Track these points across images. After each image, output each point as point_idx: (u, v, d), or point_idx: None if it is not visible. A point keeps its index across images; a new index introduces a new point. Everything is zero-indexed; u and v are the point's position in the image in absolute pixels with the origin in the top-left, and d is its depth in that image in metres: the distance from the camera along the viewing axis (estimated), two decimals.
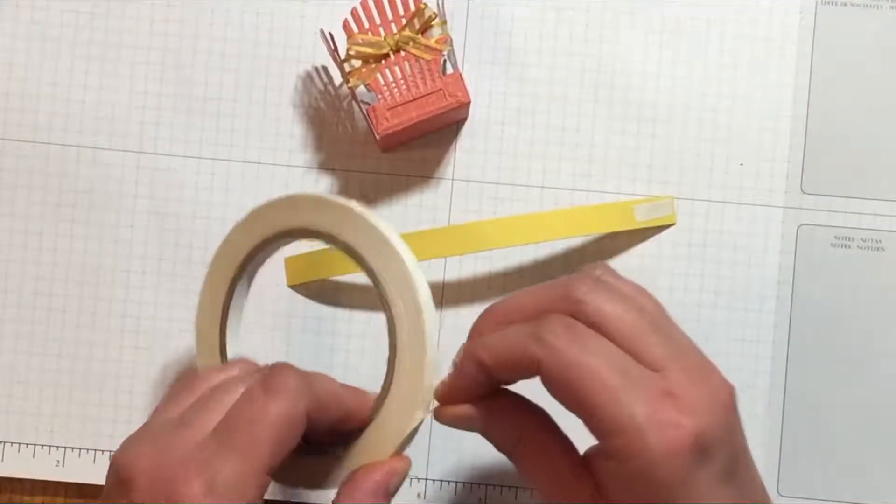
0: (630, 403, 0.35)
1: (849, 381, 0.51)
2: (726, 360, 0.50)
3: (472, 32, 0.51)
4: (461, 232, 0.49)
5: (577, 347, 0.36)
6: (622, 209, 0.50)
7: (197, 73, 0.52)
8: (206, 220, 0.51)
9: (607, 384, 0.35)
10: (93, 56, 0.52)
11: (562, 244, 0.51)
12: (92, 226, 0.51)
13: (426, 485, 0.51)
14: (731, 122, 0.51)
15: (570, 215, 0.50)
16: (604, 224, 0.50)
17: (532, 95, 0.51)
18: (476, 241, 0.49)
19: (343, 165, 0.51)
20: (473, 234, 0.49)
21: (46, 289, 0.51)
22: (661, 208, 0.51)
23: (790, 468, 0.50)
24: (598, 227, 0.50)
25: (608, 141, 0.51)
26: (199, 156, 0.52)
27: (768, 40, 0.51)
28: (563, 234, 0.50)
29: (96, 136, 0.52)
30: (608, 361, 0.36)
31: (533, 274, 0.51)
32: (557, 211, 0.51)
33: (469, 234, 0.49)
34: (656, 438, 0.35)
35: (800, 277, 0.51)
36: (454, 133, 0.51)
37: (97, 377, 0.51)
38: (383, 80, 0.47)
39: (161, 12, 0.52)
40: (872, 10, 0.51)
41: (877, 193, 0.51)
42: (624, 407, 0.35)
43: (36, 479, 0.51)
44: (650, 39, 0.51)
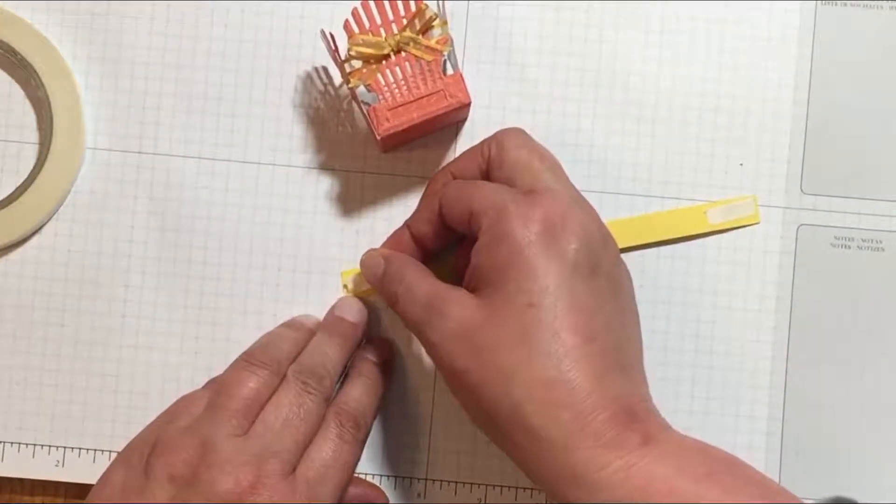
0: (502, 195, 0.43)
1: (849, 381, 0.51)
2: (726, 359, 0.51)
3: (472, 32, 0.51)
4: None
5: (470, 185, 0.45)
6: (692, 214, 0.51)
7: (197, 73, 0.52)
8: (206, 220, 0.51)
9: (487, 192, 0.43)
10: (93, 56, 0.52)
11: None
12: (92, 226, 0.51)
13: (426, 485, 0.51)
14: (731, 122, 0.51)
15: (639, 222, 0.50)
16: (676, 229, 0.51)
17: (532, 95, 0.51)
18: None
19: (343, 165, 0.51)
20: None
21: (46, 289, 0.51)
22: (740, 209, 0.51)
23: (790, 468, 0.50)
24: (670, 232, 0.51)
25: (608, 141, 0.51)
26: (199, 156, 0.52)
27: (768, 40, 0.51)
28: (632, 241, 0.50)
29: (96, 136, 0.52)
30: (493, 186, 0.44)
31: None
32: (626, 219, 0.51)
33: None
34: (516, 212, 0.42)
35: (800, 277, 0.51)
36: (454, 133, 0.51)
37: (97, 377, 0.51)
38: (384, 81, 0.47)
39: (161, 12, 0.52)
40: (872, 10, 0.51)
41: (877, 193, 0.51)
42: (496, 196, 0.43)
43: (36, 479, 0.51)
44: (650, 39, 0.51)
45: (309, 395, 0.45)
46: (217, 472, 0.41)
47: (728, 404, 0.50)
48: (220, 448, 0.42)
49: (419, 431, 0.51)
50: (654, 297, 0.51)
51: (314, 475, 0.43)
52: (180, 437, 0.43)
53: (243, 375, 0.45)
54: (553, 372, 0.39)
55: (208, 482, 0.41)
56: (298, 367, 0.46)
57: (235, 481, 0.41)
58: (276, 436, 0.43)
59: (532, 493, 0.50)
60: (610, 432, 0.39)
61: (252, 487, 0.41)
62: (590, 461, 0.39)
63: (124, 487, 0.42)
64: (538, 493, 0.50)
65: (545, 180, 0.44)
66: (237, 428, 0.43)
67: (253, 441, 0.42)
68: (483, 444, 0.51)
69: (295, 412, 0.44)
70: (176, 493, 0.41)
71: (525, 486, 0.50)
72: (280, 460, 0.42)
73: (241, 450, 0.42)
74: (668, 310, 0.51)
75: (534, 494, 0.50)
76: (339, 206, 0.51)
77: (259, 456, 0.42)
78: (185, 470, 0.41)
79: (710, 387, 0.51)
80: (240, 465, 0.41)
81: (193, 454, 0.42)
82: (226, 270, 0.51)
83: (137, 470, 0.42)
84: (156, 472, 0.42)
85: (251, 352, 0.47)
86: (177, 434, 0.43)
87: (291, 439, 0.43)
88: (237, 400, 0.44)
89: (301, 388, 0.45)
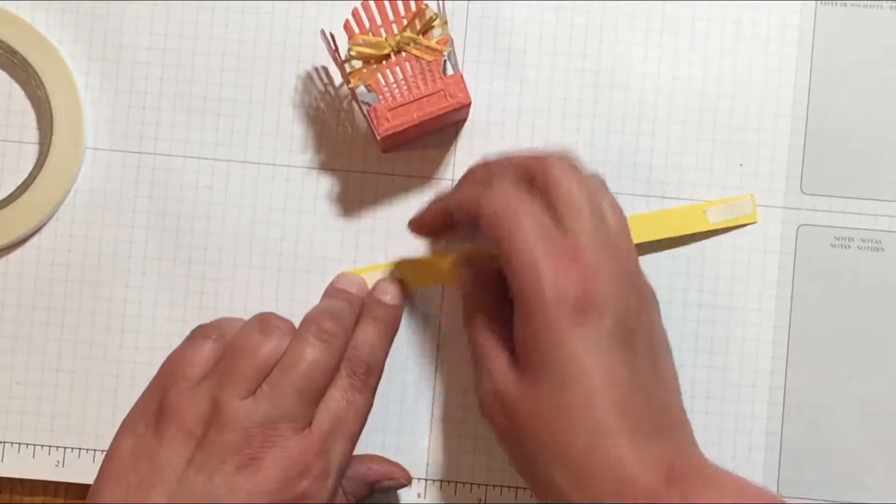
0: (535, 249, 0.41)
1: (849, 381, 0.51)
2: (726, 359, 0.51)
3: (472, 33, 0.51)
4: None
5: (513, 199, 0.42)
6: (692, 212, 0.51)
7: (197, 73, 0.52)
8: (206, 220, 0.51)
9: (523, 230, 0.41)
10: (93, 56, 0.52)
11: None
12: (92, 226, 0.51)
13: (426, 485, 0.51)
14: (731, 123, 0.51)
15: (638, 221, 0.50)
16: (676, 227, 0.51)
17: (532, 95, 0.51)
18: None
19: (343, 165, 0.51)
20: None
21: (46, 289, 0.51)
22: (739, 208, 0.51)
23: (790, 468, 0.50)
24: (669, 230, 0.51)
25: (608, 141, 0.51)
26: (199, 156, 0.52)
27: (768, 40, 0.51)
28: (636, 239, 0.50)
29: (96, 136, 0.52)
30: (533, 216, 0.42)
31: None
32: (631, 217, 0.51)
33: None
34: (549, 281, 0.40)
35: (800, 277, 0.51)
36: (454, 133, 0.51)
37: (97, 377, 0.51)
38: (384, 81, 0.47)
39: (161, 12, 0.52)
40: (872, 10, 0.51)
41: (877, 193, 0.51)
42: (530, 251, 0.41)
43: (36, 479, 0.51)
44: (650, 39, 0.51)
45: (322, 346, 0.44)
46: (228, 432, 0.41)
47: (728, 404, 0.50)
48: (232, 409, 0.41)
49: (419, 431, 0.51)
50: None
51: (328, 428, 0.43)
52: (190, 398, 0.42)
53: (257, 339, 0.44)
54: (588, 448, 0.40)
55: (221, 443, 0.41)
56: (310, 318, 0.45)
57: (247, 441, 0.41)
58: (285, 394, 0.42)
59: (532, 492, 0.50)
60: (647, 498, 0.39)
61: (263, 446, 0.41)
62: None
63: (135, 454, 0.42)
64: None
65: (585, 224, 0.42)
66: (248, 389, 0.42)
67: (262, 402, 0.42)
68: (483, 444, 0.51)
69: (307, 368, 0.43)
70: (190, 454, 0.41)
71: (525, 486, 0.50)
72: (291, 418, 0.42)
73: (252, 411, 0.42)
74: (668, 310, 0.51)
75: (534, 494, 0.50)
76: (339, 206, 0.51)
77: (270, 415, 0.42)
78: (199, 428, 0.41)
79: (710, 387, 0.51)
80: (250, 425, 0.41)
81: (206, 413, 0.42)
82: (226, 270, 0.51)
83: (147, 436, 0.42)
84: (170, 434, 0.41)
85: (267, 315, 0.45)
86: (185, 397, 0.42)
87: (302, 396, 0.43)
88: (251, 362, 0.43)
89: (314, 338, 0.44)
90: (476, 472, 0.51)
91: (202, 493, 0.40)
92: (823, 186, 0.51)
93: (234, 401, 0.42)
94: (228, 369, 0.43)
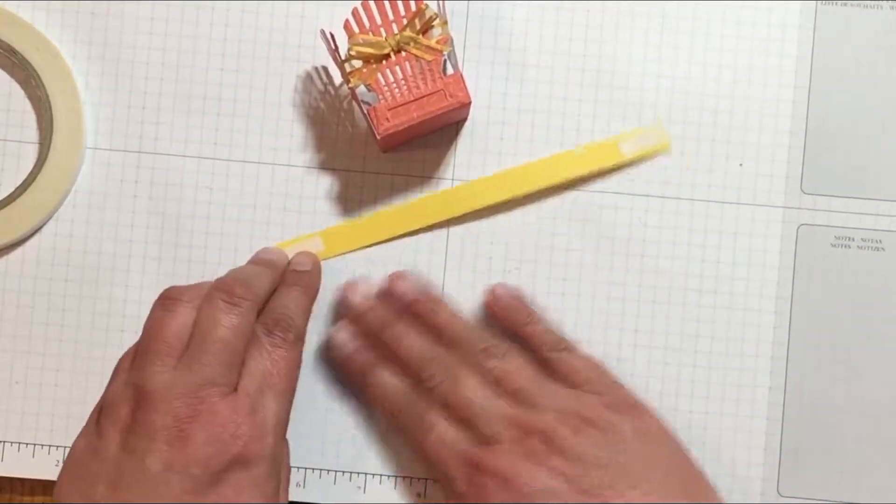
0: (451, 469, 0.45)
1: (849, 381, 0.51)
2: (726, 359, 0.51)
3: (472, 32, 0.51)
4: (455, 194, 0.51)
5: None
6: (607, 147, 0.51)
7: (197, 73, 0.52)
8: (205, 220, 0.51)
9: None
10: (93, 56, 0.52)
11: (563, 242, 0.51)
12: (92, 226, 0.51)
13: (426, 485, 0.51)
14: (731, 122, 0.51)
15: (555, 161, 0.51)
16: (590, 163, 0.51)
17: (532, 95, 0.51)
18: (471, 200, 0.51)
19: (343, 165, 0.51)
20: (467, 194, 0.51)
21: (46, 289, 0.51)
22: (650, 136, 0.51)
23: (790, 468, 0.50)
24: (585, 166, 0.51)
25: None
26: (199, 156, 0.52)
27: (768, 40, 0.51)
28: (552, 180, 0.50)
29: (96, 136, 0.52)
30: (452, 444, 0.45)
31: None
32: (542, 160, 0.51)
33: (463, 195, 0.51)
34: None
35: (800, 277, 0.51)
36: (454, 133, 0.51)
37: (97, 377, 0.51)
38: (384, 81, 0.47)
39: (161, 12, 0.52)
40: (872, 10, 0.51)
41: (877, 193, 0.51)
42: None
43: (36, 479, 0.51)
44: (650, 39, 0.51)
45: (234, 309, 0.44)
46: (152, 412, 0.41)
47: (728, 404, 0.50)
48: (151, 389, 0.42)
49: None
50: (654, 298, 0.51)
51: (254, 388, 0.44)
52: (120, 393, 0.43)
53: (164, 315, 0.44)
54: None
55: (148, 424, 0.41)
56: (218, 285, 0.45)
57: (174, 416, 0.41)
58: (204, 362, 0.43)
59: None
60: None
61: (189, 417, 0.41)
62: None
63: (84, 453, 0.43)
64: None
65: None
66: (164, 366, 0.43)
67: (181, 373, 0.42)
68: None
69: (221, 332, 0.43)
70: (124, 440, 0.42)
71: None
72: (214, 384, 0.42)
73: (172, 385, 0.42)
74: (668, 310, 0.51)
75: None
76: (339, 206, 0.51)
77: (191, 385, 0.42)
78: (127, 418, 0.42)
79: (710, 387, 0.51)
80: (172, 399, 0.42)
81: (131, 399, 0.42)
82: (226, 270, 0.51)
83: (93, 434, 0.43)
84: (105, 430, 0.42)
85: (168, 291, 0.46)
86: (116, 391, 0.43)
87: (221, 360, 0.43)
88: (161, 340, 0.44)
89: (224, 303, 0.44)
90: None
91: (138, 475, 0.41)
92: (823, 186, 0.51)
93: (153, 379, 0.42)
94: (143, 352, 0.44)
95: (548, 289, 0.51)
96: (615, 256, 0.51)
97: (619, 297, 0.51)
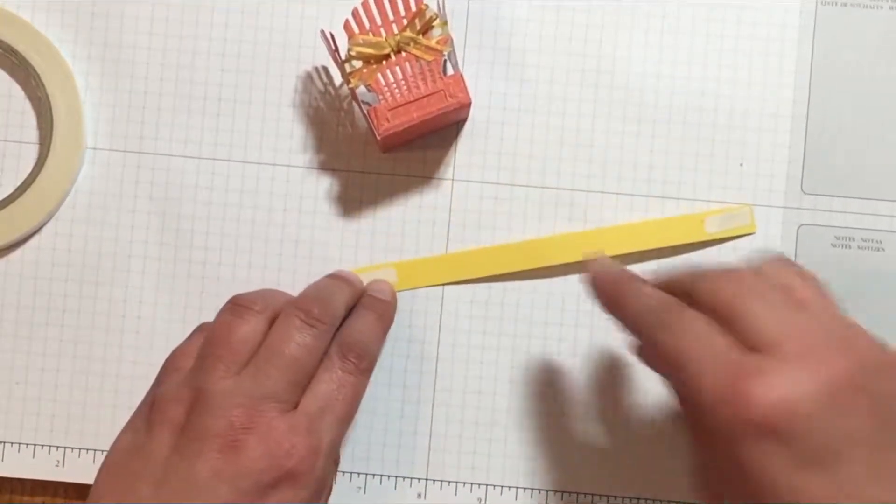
0: (707, 381, 0.36)
1: None
2: None
3: (472, 32, 0.51)
4: (521, 249, 0.51)
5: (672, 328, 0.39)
6: (692, 221, 0.51)
7: (197, 73, 0.52)
8: (206, 220, 0.51)
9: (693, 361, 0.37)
10: (93, 56, 0.52)
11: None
12: (92, 226, 0.51)
13: (426, 485, 0.51)
14: (731, 123, 0.51)
15: (639, 229, 0.51)
16: (673, 237, 0.51)
17: (532, 95, 0.51)
18: (539, 258, 0.51)
19: (343, 165, 0.51)
20: (536, 251, 0.51)
21: (46, 289, 0.51)
22: (737, 218, 0.51)
23: None
24: (668, 239, 0.51)
25: (608, 141, 0.51)
26: (199, 156, 0.52)
27: (768, 40, 0.51)
28: (629, 248, 0.50)
29: (96, 136, 0.52)
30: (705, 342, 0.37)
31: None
32: (624, 226, 0.51)
33: (532, 251, 0.51)
34: (723, 413, 0.36)
35: None
36: (454, 133, 0.51)
37: (97, 377, 0.51)
38: (384, 81, 0.47)
39: (161, 12, 0.52)
40: (872, 10, 0.51)
41: (877, 193, 0.51)
42: (702, 385, 0.36)
43: (36, 479, 0.51)
44: (650, 39, 0.51)
45: (310, 330, 0.44)
46: (209, 416, 0.41)
47: None
48: (211, 393, 0.41)
49: (419, 431, 0.51)
50: None
51: (315, 409, 0.43)
52: (175, 392, 0.42)
53: (232, 321, 0.44)
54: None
55: (202, 427, 0.41)
56: (297, 303, 0.45)
57: (228, 423, 0.41)
58: (269, 375, 0.42)
59: (532, 492, 0.50)
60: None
61: (245, 427, 0.41)
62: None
63: (130, 449, 0.42)
64: (538, 493, 0.50)
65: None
66: (227, 372, 0.42)
67: (245, 382, 0.42)
68: (483, 444, 0.51)
69: (292, 349, 0.43)
70: (175, 441, 0.41)
71: (525, 486, 0.50)
72: (276, 399, 0.42)
73: (232, 392, 0.41)
74: None
75: (534, 494, 0.50)
76: (339, 206, 0.51)
77: (252, 396, 0.41)
78: (181, 418, 0.41)
79: None
80: (231, 407, 0.41)
81: (188, 401, 0.42)
82: (226, 270, 0.51)
83: (141, 431, 0.42)
84: (155, 429, 0.41)
85: (239, 297, 0.45)
86: (172, 389, 0.43)
87: (287, 377, 0.42)
88: (226, 346, 0.43)
89: (301, 322, 0.44)
90: (476, 472, 0.51)
91: (186, 479, 0.40)
92: (823, 186, 0.51)
93: (214, 384, 0.42)
94: (207, 355, 0.43)
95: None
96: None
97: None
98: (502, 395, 0.51)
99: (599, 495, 0.50)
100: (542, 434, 0.51)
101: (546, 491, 0.50)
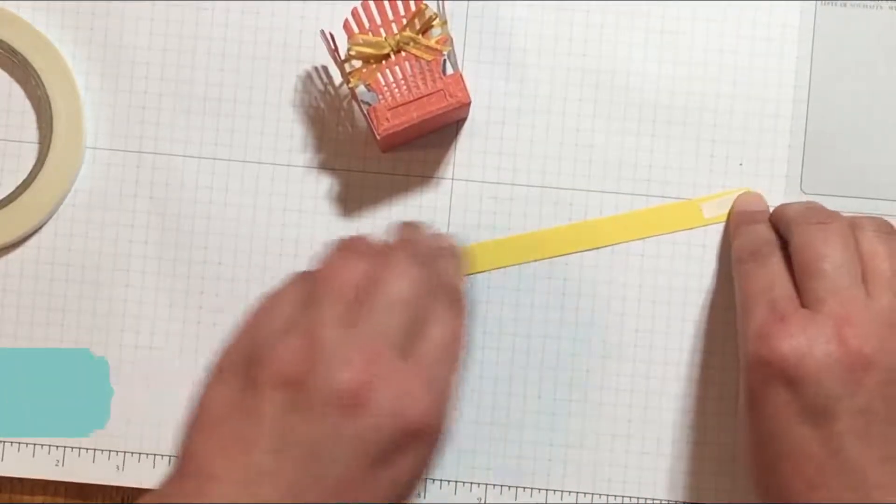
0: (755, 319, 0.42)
1: None
2: (727, 360, 0.50)
3: (472, 32, 0.51)
4: (521, 242, 0.51)
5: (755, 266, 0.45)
6: (688, 207, 0.51)
7: (197, 73, 0.52)
8: (206, 220, 0.51)
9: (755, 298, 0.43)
10: (93, 56, 0.52)
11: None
12: (92, 226, 0.51)
13: (426, 485, 0.51)
14: (731, 123, 0.51)
15: (632, 219, 0.51)
16: (671, 223, 0.51)
17: (532, 95, 0.51)
18: (537, 249, 0.51)
19: (343, 165, 0.51)
20: (534, 243, 0.51)
21: (46, 289, 0.51)
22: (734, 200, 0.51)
23: None
24: (665, 226, 0.51)
25: (608, 141, 0.51)
26: (199, 156, 0.52)
27: (768, 40, 0.51)
28: (627, 237, 0.51)
29: (96, 136, 0.52)
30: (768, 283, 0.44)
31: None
32: (621, 215, 0.51)
33: (530, 243, 0.51)
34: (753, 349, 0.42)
35: None
36: (454, 133, 0.51)
37: None
38: (384, 81, 0.47)
39: (161, 12, 0.52)
40: (872, 10, 0.51)
41: (877, 193, 0.51)
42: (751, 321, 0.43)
43: (36, 479, 0.51)
44: (650, 39, 0.51)
45: (418, 269, 0.40)
46: (327, 366, 0.36)
47: (728, 404, 0.50)
48: (328, 340, 0.37)
49: None
50: (654, 298, 0.51)
51: (432, 356, 0.39)
52: (283, 340, 0.37)
53: (341, 264, 0.40)
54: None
55: (323, 378, 0.36)
56: (406, 244, 0.42)
57: (351, 373, 0.36)
58: (386, 319, 0.38)
59: (532, 492, 0.50)
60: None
61: (369, 377, 0.36)
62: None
63: (230, 409, 0.37)
64: (538, 493, 0.50)
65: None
66: (343, 318, 0.38)
67: (363, 327, 0.38)
68: (483, 444, 0.51)
69: (405, 290, 0.39)
70: (290, 400, 0.36)
71: (525, 486, 0.50)
72: (394, 345, 0.38)
73: (351, 338, 0.37)
74: (668, 310, 0.51)
75: (534, 494, 0.50)
76: (339, 206, 0.51)
77: (371, 343, 0.37)
78: (295, 372, 0.37)
79: (709, 387, 0.50)
80: (353, 355, 0.37)
81: (301, 353, 0.37)
82: (226, 270, 0.51)
83: (238, 387, 0.37)
84: (263, 383, 0.36)
85: (342, 242, 0.42)
86: (276, 337, 0.38)
87: (403, 321, 0.38)
88: (339, 288, 0.39)
89: (410, 264, 0.40)
90: (476, 472, 0.51)
91: (306, 443, 0.36)
92: (823, 186, 0.51)
93: (329, 331, 0.37)
94: (319, 301, 0.39)
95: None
96: (615, 256, 0.51)
97: (619, 296, 0.51)
98: (502, 394, 0.51)
99: (600, 495, 0.50)
100: (543, 434, 0.51)
101: (546, 491, 0.50)
